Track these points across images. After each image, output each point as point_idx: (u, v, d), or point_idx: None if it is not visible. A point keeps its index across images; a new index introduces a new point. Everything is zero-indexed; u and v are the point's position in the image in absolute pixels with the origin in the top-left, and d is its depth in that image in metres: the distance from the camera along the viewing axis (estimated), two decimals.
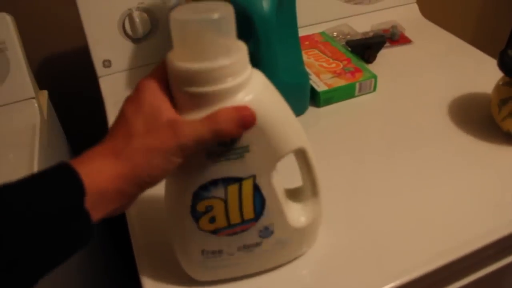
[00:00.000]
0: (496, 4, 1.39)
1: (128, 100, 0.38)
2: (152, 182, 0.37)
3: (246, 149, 0.39)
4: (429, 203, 0.58)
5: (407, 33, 0.91)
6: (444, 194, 0.59)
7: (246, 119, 0.37)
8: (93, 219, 0.35)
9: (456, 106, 0.73)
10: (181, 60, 0.36)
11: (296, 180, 0.48)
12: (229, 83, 0.36)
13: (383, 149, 0.67)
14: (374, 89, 0.77)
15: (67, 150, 0.93)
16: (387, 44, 0.88)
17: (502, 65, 0.63)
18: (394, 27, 0.90)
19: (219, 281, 0.49)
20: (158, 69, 0.38)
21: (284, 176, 0.45)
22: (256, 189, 0.42)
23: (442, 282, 0.55)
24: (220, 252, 0.45)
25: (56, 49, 0.95)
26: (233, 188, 0.41)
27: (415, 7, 0.99)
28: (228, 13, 0.36)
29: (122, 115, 0.37)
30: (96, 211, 0.35)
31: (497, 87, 0.66)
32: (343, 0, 0.92)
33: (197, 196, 0.41)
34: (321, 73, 0.76)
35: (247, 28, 0.63)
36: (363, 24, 0.92)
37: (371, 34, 0.90)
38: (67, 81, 0.98)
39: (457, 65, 0.83)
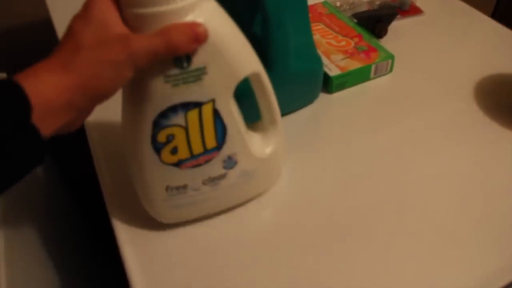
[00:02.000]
0: None
1: (76, 16, 0.36)
2: (103, 95, 0.36)
3: (203, 70, 0.38)
4: (456, 200, 0.51)
5: (418, 3, 0.82)
6: (474, 190, 0.53)
7: (198, 33, 0.36)
8: (43, 133, 0.34)
9: (483, 89, 0.65)
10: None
11: None
12: (177, 3, 0.35)
13: (401, 138, 0.59)
14: (391, 70, 0.68)
15: None
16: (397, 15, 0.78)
17: None
18: None
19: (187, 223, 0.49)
20: None
21: None
22: (217, 114, 0.42)
23: None
24: (184, 187, 0.45)
25: (15, 25, 0.82)
26: (193, 114, 0.40)
27: None
28: None
29: (69, 30, 0.36)
30: (46, 125, 0.34)
31: None
32: None
33: (157, 125, 0.40)
34: (331, 53, 0.66)
35: (251, 4, 0.53)
36: None
37: (377, 3, 0.80)
38: (30, 60, 0.85)
39: (478, 41, 0.75)
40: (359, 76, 0.65)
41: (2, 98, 0.32)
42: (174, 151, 0.42)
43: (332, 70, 0.63)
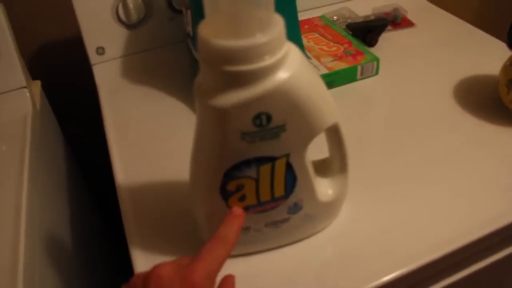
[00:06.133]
0: None
1: None
2: None
3: (282, 128, 0.37)
4: (437, 188, 0.55)
5: (410, 16, 0.89)
6: (451, 176, 0.57)
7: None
8: None
9: (462, 89, 0.70)
10: (214, 36, 0.33)
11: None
12: (268, 61, 0.34)
13: (387, 134, 0.64)
14: (377, 73, 0.74)
15: (61, 141, 0.91)
16: (389, 27, 0.85)
17: (510, 42, 0.60)
18: (396, 9, 0.88)
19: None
20: None
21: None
22: (289, 167, 0.41)
23: (448, 270, 0.53)
24: (247, 229, 0.45)
25: (49, 39, 0.92)
26: (265, 168, 0.40)
27: None
28: None
29: None
30: None
31: (505, 68, 0.64)
32: None
33: (228, 176, 0.40)
34: (321, 57, 0.73)
35: None
36: (364, 7, 0.89)
37: (372, 17, 0.87)
38: (61, 71, 0.96)
39: (462, 48, 0.80)
40: (346, 76, 0.72)
41: None
42: (242, 198, 0.42)
43: (321, 70, 0.70)
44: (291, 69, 0.36)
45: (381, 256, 0.48)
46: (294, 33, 0.68)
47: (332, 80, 0.71)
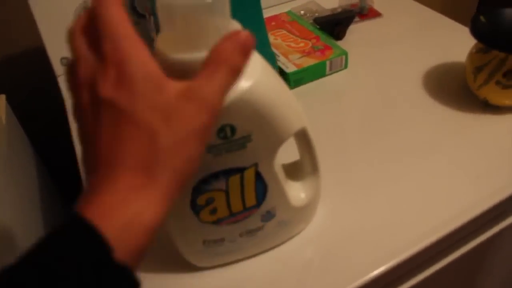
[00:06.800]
0: None
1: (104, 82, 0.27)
2: (191, 175, 0.29)
3: (248, 138, 0.37)
4: (409, 176, 0.56)
5: (376, 6, 0.89)
6: (423, 165, 0.57)
7: (245, 43, 0.29)
8: (136, 262, 0.27)
9: (431, 78, 0.71)
10: (172, 49, 0.32)
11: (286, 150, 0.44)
12: None
13: (359, 126, 0.64)
14: (346, 66, 0.74)
15: (31, 153, 0.89)
16: (356, 18, 0.85)
17: (474, 31, 0.61)
18: (362, 1, 0.87)
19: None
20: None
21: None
22: (258, 176, 0.40)
23: (427, 261, 0.53)
24: (222, 240, 0.44)
25: (12, 51, 0.90)
26: (234, 179, 0.39)
27: None
28: None
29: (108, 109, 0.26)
30: (137, 249, 0.27)
31: (471, 55, 0.64)
32: None
33: (197, 190, 0.39)
34: (289, 54, 0.73)
35: None
36: (331, 0, 0.89)
37: (339, 10, 0.87)
38: (26, 83, 0.93)
39: (429, 36, 0.81)
40: (315, 72, 0.72)
41: (75, 248, 0.25)
42: (213, 211, 0.41)
43: (289, 68, 0.70)
44: (252, 77, 0.35)
45: (361, 253, 0.48)
46: (259, 31, 0.67)
47: (301, 77, 0.70)
